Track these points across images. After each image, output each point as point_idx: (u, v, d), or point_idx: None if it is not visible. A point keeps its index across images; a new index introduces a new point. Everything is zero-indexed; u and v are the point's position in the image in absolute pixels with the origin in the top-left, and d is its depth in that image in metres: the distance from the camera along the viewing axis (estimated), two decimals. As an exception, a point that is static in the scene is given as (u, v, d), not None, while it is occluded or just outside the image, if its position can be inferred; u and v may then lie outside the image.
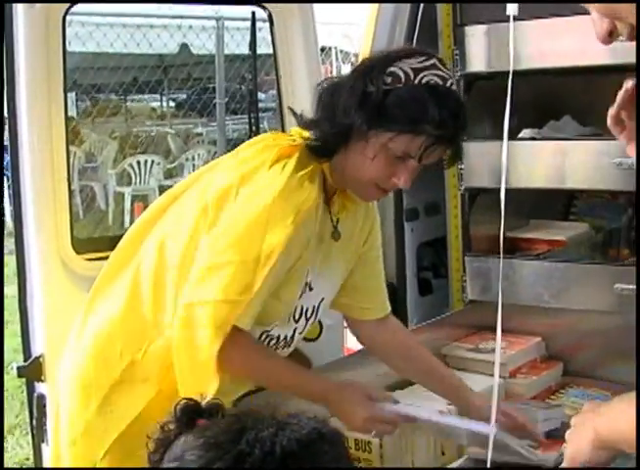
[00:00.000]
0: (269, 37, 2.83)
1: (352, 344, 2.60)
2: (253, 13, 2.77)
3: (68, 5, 2.35)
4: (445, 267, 3.11)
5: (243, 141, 2.12)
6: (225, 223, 1.84)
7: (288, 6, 2.75)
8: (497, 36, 2.68)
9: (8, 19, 2.25)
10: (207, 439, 1.03)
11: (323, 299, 2.05)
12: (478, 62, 2.74)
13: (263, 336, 1.96)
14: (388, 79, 1.83)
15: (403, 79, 1.82)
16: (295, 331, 2.01)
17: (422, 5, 2.91)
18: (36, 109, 2.30)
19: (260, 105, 7.32)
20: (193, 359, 1.80)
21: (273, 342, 1.98)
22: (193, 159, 10.13)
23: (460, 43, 2.79)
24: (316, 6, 3.02)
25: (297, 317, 2.00)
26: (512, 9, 1.91)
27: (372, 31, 2.97)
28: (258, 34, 2.95)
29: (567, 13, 2.46)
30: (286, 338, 2.00)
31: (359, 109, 1.82)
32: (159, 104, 13.56)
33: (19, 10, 2.24)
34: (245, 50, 2.92)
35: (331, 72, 10.30)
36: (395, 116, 1.81)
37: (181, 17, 7.64)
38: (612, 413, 1.35)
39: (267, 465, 0.98)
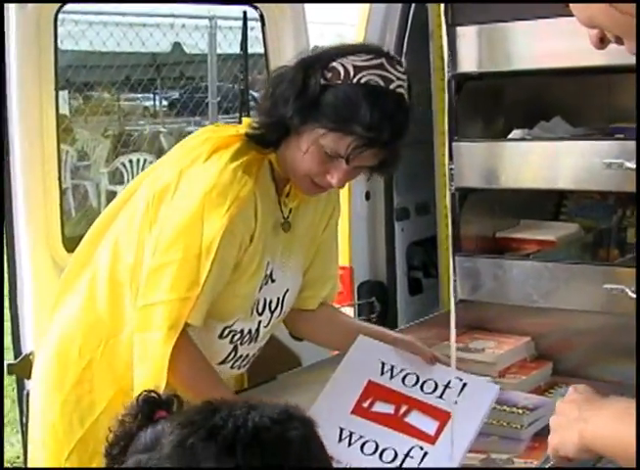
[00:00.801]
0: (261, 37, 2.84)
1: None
2: (245, 12, 2.78)
3: (59, 4, 2.35)
4: (435, 267, 3.13)
5: None
6: (163, 222, 1.86)
7: (279, 6, 2.75)
8: (488, 37, 2.69)
9: (-1, 17, 2.26)
10: (182, 419, 1.06)
11: (287, 290, 2.04)
12: (468, 62, 2.75)
13: (226, 331, 1.96)
14: (329, 75, 1.82)
15: (342, 76, 1.81)
16: (259, 324, 2.00)
17: (413, 5, 2.92)
18: (27, 107, 2.30)
19: (254, 104, 7.34)
20: (148, 360, 1.81)
21: (237, 337, 1.98)
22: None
23: (451, 44, 2.79)
24: (309, 5, 3.02)
25: (260, 310, 1.99)
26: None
27: (363, 32, 2.98)
28: (251, 34, 2.95)
29: (555, 14, 2.47)
30: (250, 332, 1.99)
31: (295, 101, 1.82)
32: (151, 103, 13.54)
33: (10, 9, 2.25)
34: (237, 49, 2.92)
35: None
36: (327, 112, 1.80)
37: (174, 16, 7.65)
38: (598, 421, 1.35)
39: (240, 438, 1.00)
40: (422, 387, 2.04)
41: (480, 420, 1.94)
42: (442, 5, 2.82)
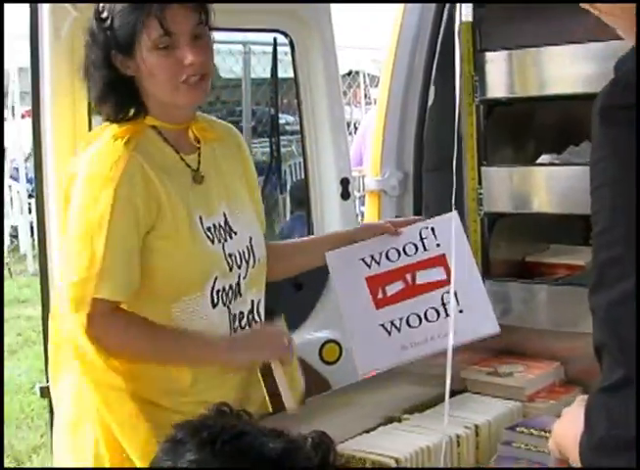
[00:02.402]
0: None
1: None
2: (275, 39, 2.82)
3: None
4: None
5: (270, 164, 2.21)
6: (68, 211, 1.95)
7: (309, 33, 2.79)
8: (517, 62, 2.70)
9: (34, 44, 2.31)
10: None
11: (251, 237, 2.06)
12: (498, 87, 2.77)
13: (215, 296, 1.97)
14: (104, 14, 1.89)
15: (110, 4, 1.88)
16: (239, 277, 2.02)
17: (442, 30, 2.94)
18: (62, 135, 2.36)
19: (289, 127, 7.34)
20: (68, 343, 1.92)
21: (225, 297, 2.00)
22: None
23: (480, 69, 2.82)
24: (345, 31, 3.06)
25: (238, 263, 2.01)
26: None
27: (393, 56, 3.00)
28: (286, 58, 3.00)
29: (585, 39, 2.48)
30: (232, 287, 2.01)
31: (103, 54, 1.89)
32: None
33: (45, 35, 2.30)
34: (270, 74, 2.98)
35: (360, 96, 10.38)
36: (124, 23, 1.86)
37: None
38: (565, 418, 1.37)
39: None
40: (405, 253, 2.21)
41: (466, 241, 2.20)
42: (471, 30, 2.86)
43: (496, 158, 2.75)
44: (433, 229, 2.20)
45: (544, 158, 2.81)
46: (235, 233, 2.02)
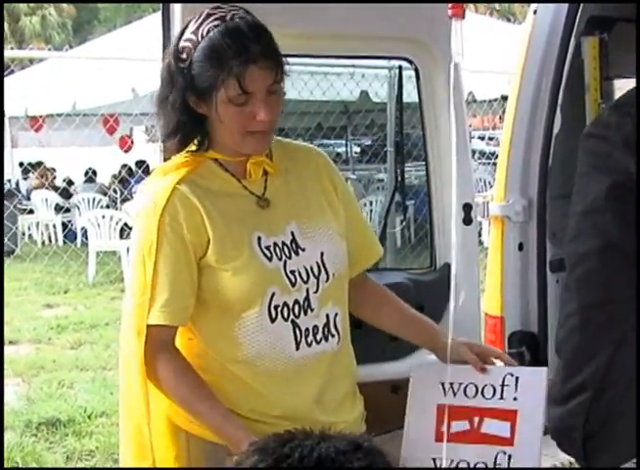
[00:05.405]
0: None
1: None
2: (400, 66, 2.87)
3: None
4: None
5: (417, 188, 2.27)
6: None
7: (434, 59, 2.82)
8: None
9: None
10: (260, 444, 1.18)
11: (323, 253, 2.08)
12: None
13: (272, 312, 2.02)
14: (182, 55, 1.96)
15: (191, 45, 1.95)
16: (307, 292, 2.05)
17: (569, 58, 2.93)
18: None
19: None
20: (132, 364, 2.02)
21: (287, 311, 2.03)
22: (371, 204, 10.33)
23: (607, 97, 2.79)
24: (494, 55, 3.08)
25: (304, 278, 2.05)
26: (457, 57, 1.96)
27: (518, 82, 3.01)
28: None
29: None
30: (298, 302, 2.05)
31: (177, 95, 1.97)
32: (344, 149, 13.87)
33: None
34: (416, 98, 3.03)
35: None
36: (204, 75, 1.93)
37: (354, 66, 7.91)
38: None
39: (302, 468, 1.10)
40: (483, 393, 2.15)
41: (543, 406, 2.03)
42: (599, 57, 2.84)
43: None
44: (517, 379, 2.12)
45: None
46: (303, 250, 2.07)
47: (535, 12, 3.03)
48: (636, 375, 1.16)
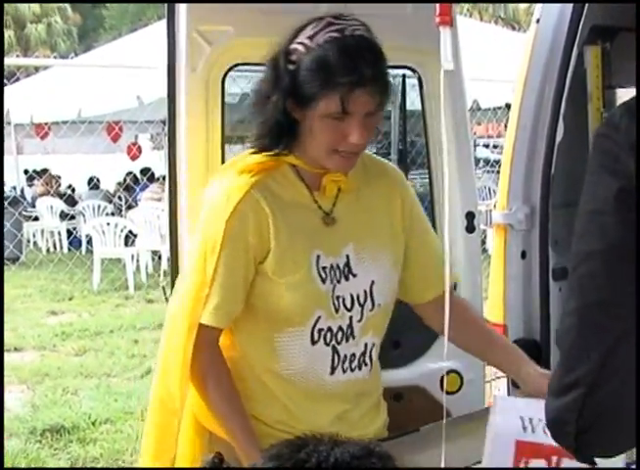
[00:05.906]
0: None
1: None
2: (404, 75, 2.88)
3: (227, 68, 2.54)
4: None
5: (420, 196, 2.27)
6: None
7: (437, 68, 2.82)
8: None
9: (171, 78, 2.48)
10: (273, 451, 1.19)
11: (373, 282, 2.05)
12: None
13: (315, 334, 2.01)
14: (293, 56, 1.91)
15: (303, 49, 1.90)
16: (351, 320, 2.03)
17: (571, 67, 2.94)
18: (194, 164, 2.49)
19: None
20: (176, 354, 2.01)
21: (329, 336, 2.02)
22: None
23: (609, 105, 2.81)
24: (499, 63, 3.09)
25: (348, 306, 2.02)
26: (447, 65, 1.90)
27: (521, 90, 3.02)
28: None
29: None
30: (342, 329, 2.02)
31: (279, 95, 1.92)
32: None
33: (181, 69, 2.46)
34: (419, 106, 3.05)
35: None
36: (309, 84, 1.88)
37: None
38: None
39: None
40: None
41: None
42: (601, 66, 2.85)
43: None
44: None
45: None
46: (354, 275, 2.04)
47: (538, 21, 3.05)
48: (636, 375, 1.17)
